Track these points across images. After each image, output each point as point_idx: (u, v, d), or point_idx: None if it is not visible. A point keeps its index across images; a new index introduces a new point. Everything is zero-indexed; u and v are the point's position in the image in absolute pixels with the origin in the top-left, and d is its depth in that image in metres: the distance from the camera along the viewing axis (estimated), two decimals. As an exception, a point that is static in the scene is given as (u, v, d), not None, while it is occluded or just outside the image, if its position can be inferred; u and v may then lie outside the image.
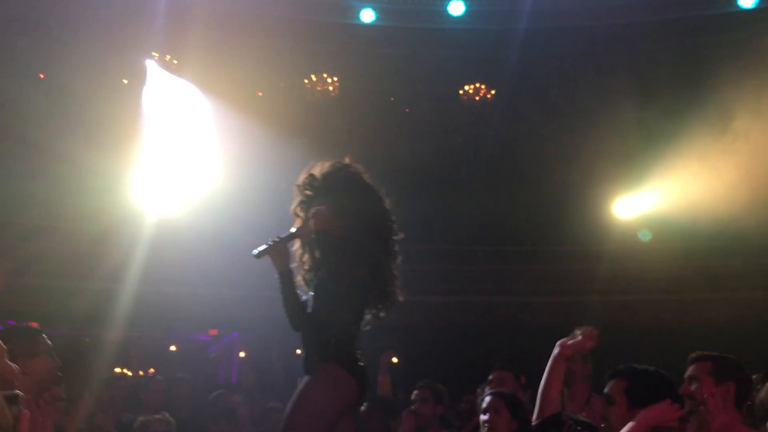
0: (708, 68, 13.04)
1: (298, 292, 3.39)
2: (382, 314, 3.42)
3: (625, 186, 15.00)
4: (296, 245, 3.43)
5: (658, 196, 14.46)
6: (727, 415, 2.82)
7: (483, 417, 3.67)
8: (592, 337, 2.89)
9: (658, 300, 14.31)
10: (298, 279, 3.37)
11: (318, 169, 3.48)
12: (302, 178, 3.47)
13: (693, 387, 3.05)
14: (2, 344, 1.74)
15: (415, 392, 5.15)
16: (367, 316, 3.39)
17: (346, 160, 3.55)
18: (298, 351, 3.45)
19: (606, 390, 2.73)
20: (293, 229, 3.44)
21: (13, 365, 1.83)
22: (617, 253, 15.18)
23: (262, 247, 3.34)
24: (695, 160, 12.94)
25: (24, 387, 1.88)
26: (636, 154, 14.25)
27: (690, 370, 3.13)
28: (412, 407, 5.10)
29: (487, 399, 3.72)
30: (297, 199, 3.47)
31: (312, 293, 3.36)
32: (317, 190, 3.43)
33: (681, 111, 13.51)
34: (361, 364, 3.15)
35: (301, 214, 3.45)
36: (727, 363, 3.09)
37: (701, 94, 12.85)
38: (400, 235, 3.48)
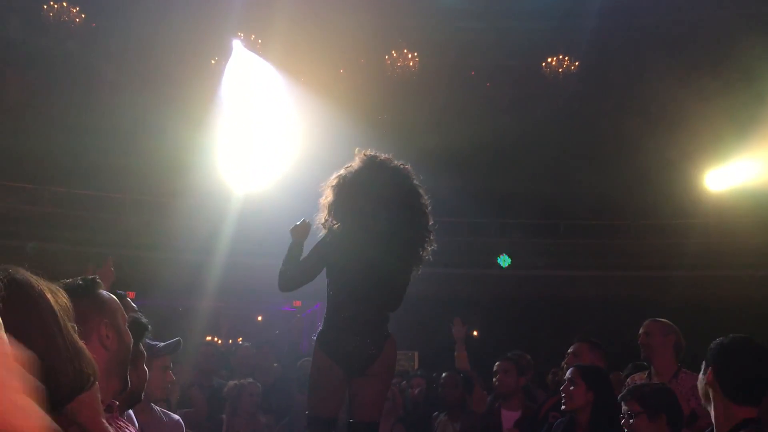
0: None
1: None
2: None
3: (717, 158, 14.45)
4: None
5: (751, 168, 13.86)
6: None
7: (561, 388, 3.74)
8: None
9: (747, 275, 13.79)
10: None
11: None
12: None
13: None
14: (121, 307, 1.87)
15: (497, 363, 5.19)
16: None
17: (360, 156, 3.65)
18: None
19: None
20: None
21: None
22: (707, 227, 14.69)
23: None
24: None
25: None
26: (729, 125, 13.67)
27: None
28: (494, 378, 5.14)
29: (568, 372, 3.80)
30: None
31: None
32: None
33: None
34: (334, 336, 3.50)
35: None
36: None
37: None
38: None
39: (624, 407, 2.98)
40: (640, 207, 14.99)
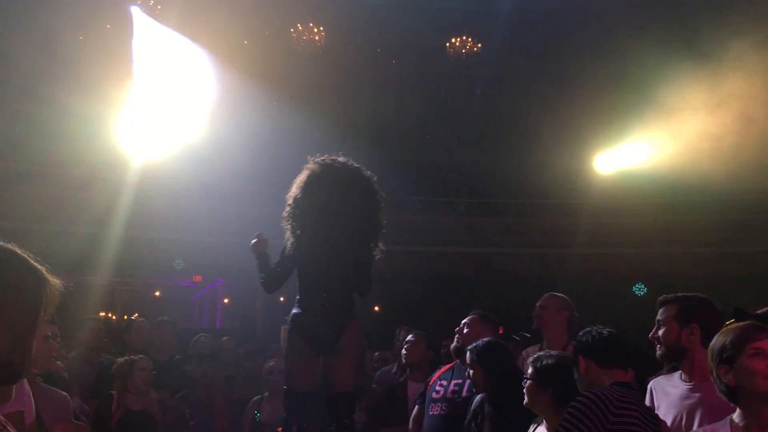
0: (696, 23, 12.98)
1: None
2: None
3: (606, 141, 15.11)
4: None
5: (637, 153, 14.56)
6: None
7: (466, 374, 3.85)
8: None
9: (634, 253, 14.59)
10: None
11: None
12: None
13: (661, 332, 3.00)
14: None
15: (409, 336, 5.30)
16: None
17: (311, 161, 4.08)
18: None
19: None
20: None
21: None
22: (598, 207, 15.38)
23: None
24: (678, 115, 12.98)
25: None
26: (619, 108, 14.29)
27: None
28: (403, 349, 5.20)
29: (467, 358, 3.87)
30: None
31: None
32: None
33: (667, 65, 13.50)
34: (304, 319, 3.92)
35: None
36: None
37: (689, 49, 12.81)
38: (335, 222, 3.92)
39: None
40: (535, 187, 15.52)
